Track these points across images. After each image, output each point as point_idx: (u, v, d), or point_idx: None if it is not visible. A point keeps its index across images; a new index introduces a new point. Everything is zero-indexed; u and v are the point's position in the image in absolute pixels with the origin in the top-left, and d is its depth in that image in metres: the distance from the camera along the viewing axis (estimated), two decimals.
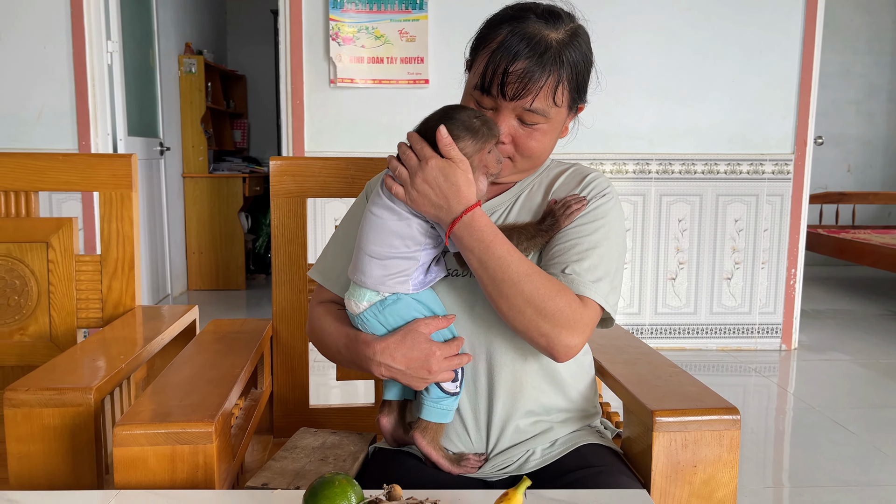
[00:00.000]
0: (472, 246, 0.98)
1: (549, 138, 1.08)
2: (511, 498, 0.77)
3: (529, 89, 1.01)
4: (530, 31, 1.01)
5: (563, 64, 1.02)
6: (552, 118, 1.05)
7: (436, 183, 0.97)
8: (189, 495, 0.89)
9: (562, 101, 1.04)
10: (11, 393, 1.06)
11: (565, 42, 1.03)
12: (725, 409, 1.03)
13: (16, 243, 1.59)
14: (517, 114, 1.04)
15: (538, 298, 0.97)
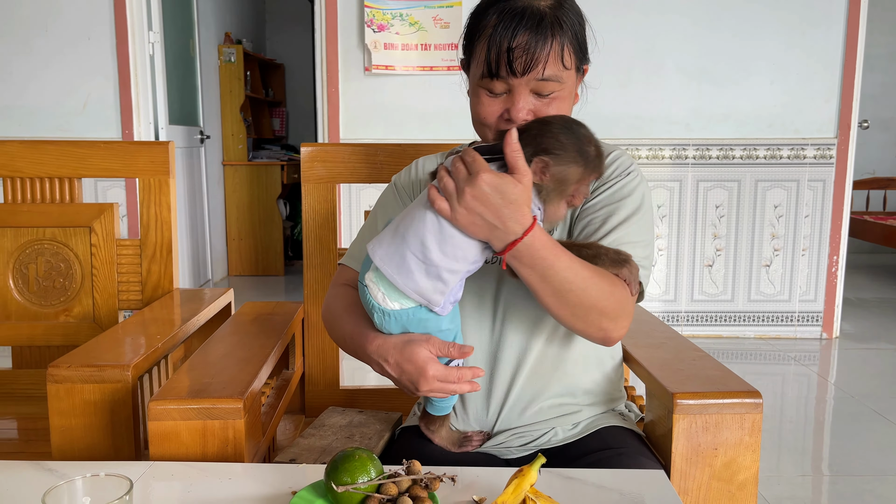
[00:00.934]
0: (532, 264, 0.92)
1: (567, 104, 1.07)
2: (526, 474, 0.79)
3: (538, 58, 0.99)
4: (519, 5, 1.01)
5: (562, 26, 1.01)
6: (565, 82, 1.04)
7: (489, 201, 0.88)
8: (219, 467, 0.93)
9: (570, 62, 1.03)
10: (54, 369, 1.11)
11: (556, 6, 1.02)
12: (747, 392, 1.03)
13: (61, 228, 1.65)
14: (531, 88, 1.02)
15: (601, 301, 0.95)
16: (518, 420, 1.10)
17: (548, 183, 0.94)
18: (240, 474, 0.91)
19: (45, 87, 3.52)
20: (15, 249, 1.65)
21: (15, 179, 1.64)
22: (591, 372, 1.13)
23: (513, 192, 0.88)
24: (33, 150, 1.64)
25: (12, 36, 3.49)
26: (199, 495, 0.85)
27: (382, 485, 0.79)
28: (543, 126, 0.97)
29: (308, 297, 1.55)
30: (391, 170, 1.52)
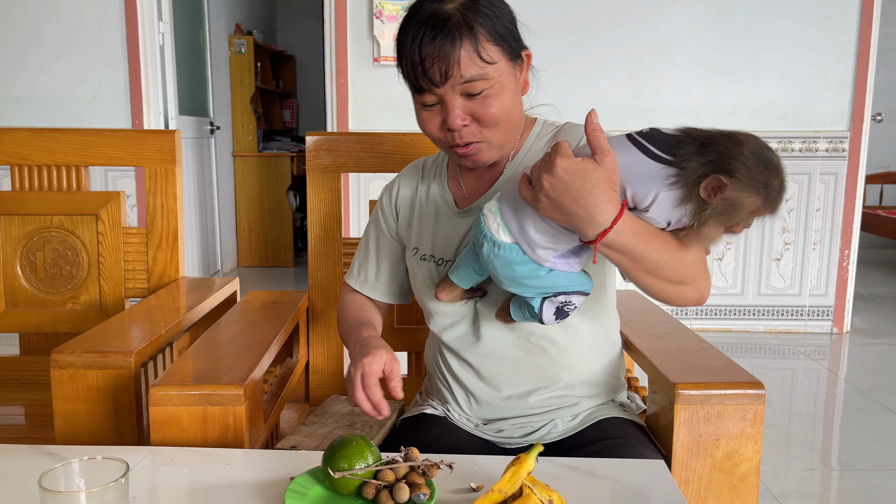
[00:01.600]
0: (624, 251, 0.88)
1: (505, 98, 1.03)
2: (523, 461, 0.79)
3: (451, 63, 0.98)
4: (425, 14, 0.99)
5: (470, 24, 0.98)
6: (494, 77, 1.00)
7: (567, 188, 0.84)
8: (219, 453, 0.93)
9: (492, 56, 1.00)
10: (57, 355, 1.12)
11: (465, 4, 1.00)
12: (750, 383, 1.02)
13: (68, 216, 1.66)
14: (460, 91, 1.00)
15: (692, 271, 0.94)
16: (519, 409, 1.10)
17: (716, 203, 0.85)
18: (239, 460, 0.91)
19: (56, 78, 3.53)
20: (23, 237, 1.66)
21: (23, 167, 1.65)
22: (591, 363, 1.12)
23: (592, 175, 0.83)
24: (41, 137, 1.65)
25: (23, 26, 3.50)
26: (198, 480, 0.86)
27: (379, 471, 0.79)
28: (734, 144, 0.85)
29: (313, 287, 1.55)
30: (397, 159, 1.52)
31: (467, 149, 1.05)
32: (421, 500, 0.77)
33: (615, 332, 1.18)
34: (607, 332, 1.15)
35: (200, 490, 0.83)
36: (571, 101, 3.52)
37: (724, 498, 1.03)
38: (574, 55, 3.50)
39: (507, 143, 1.09)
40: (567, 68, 3.50)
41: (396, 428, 1.23)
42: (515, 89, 1.05)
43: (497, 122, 1.03)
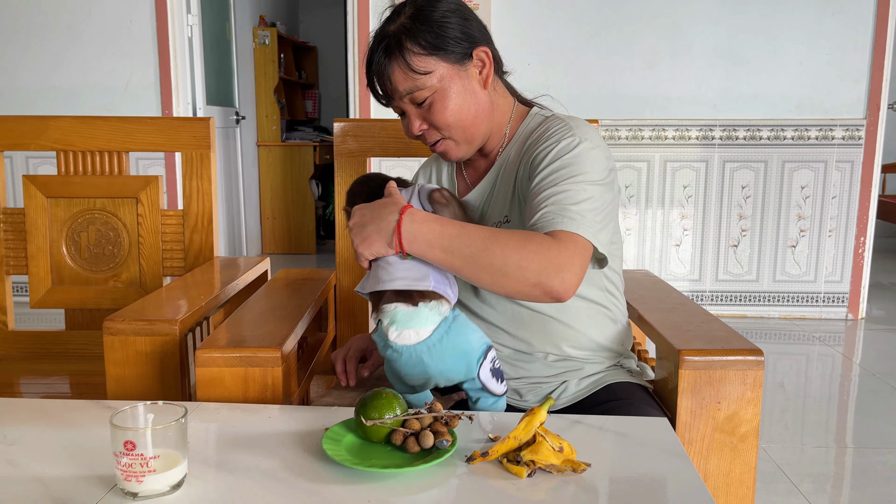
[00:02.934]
0: (429, 241, 0.98)
1: (451, 101, 1.10)
2: (536, 413, 0.87)
3: (385, 81, 1.10)
4: (374, 36, 1.12)
5: (399, 40, 1.08)
6: (434, 84, 1.09)
7: (364, 214, 1.02)
8: (259, 408, 1.02)
9: (426, 66, 1.08)
10: (110, 323, 1.21)
11: (403, 23, 1.09)
12: (750, 350, 1.09)
13: (110, 198, 1.77)
14: (409, 101, 1.11)
15: (515, 256, 0.96)
16: (528, 369, 1.18)
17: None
18: (279, 415, 1.00)
19: (90, 69, 3.66)
20: (68, 219, 1.77)
21: (68, 153, 1.76)
22: (590, 333, 1.18)
23: (375, 205, 1.03)
24: (84, 125, 1.75)
25: (58, 20, 3.63)
26: (242, 431, 0.95)
27: (406, 420, 0.88)
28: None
29: (340, 265, 1.64)
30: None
31: (436, 147, 1.16)
32: (444, 445, 0.86)
33: (615, 307, 1.23)
34: (605, 307, 1.20)
35: (245, 438, 0.92)
36: (587, 92, 3.58)
37: (725, 457, 1.10)
38: (589, 45, 3.55)
39: (477, 137, 1.15)
40: (582, 58, 3.56)
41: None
42: (465, 89, 1.11)
43: (448, 124, 1.11)
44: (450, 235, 0.98)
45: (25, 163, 3.73)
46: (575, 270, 0.97)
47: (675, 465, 0.87)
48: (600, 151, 1.09)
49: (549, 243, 0.97)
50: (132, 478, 0.75)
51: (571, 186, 1.03)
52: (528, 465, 0.83)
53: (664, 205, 3.68)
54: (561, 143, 1.08)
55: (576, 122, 1.12)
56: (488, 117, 1.15)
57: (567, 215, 1.00)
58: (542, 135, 1.12)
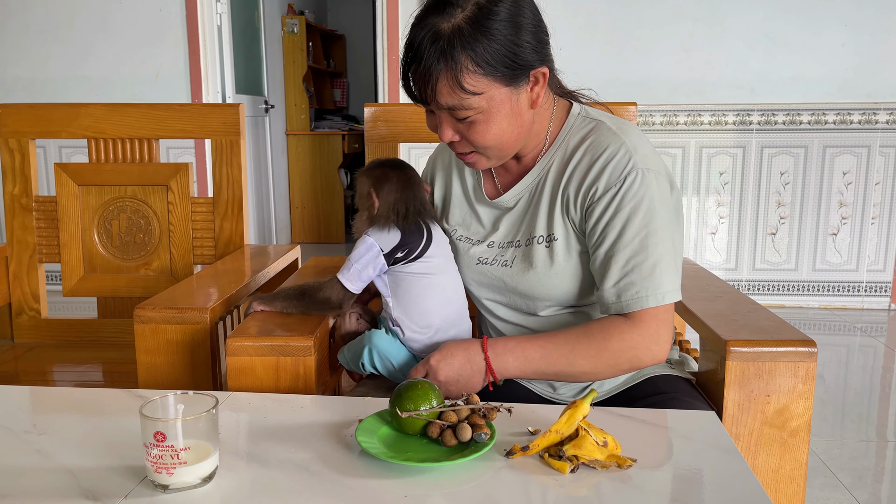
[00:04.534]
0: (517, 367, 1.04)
1: (494, 125, 1.00)
2: (579, 406, 0.83)
3: (431, 88, 0.96)
4: (422, 28, 0.96)
5: (452, 51, 0.94)
6: (481, 106, 0.97)
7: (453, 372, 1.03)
8: (291, 398, 1.00)
9: (476, 86, 0.96)
10: (140, 311, 1.20)
11: (459, 26, 0.94)
12: (802, 341, 1.04)
13: (140, 186, 1.76)
14: (448, 111, 0.99)
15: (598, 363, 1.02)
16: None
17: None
18: (311, 405, 0.98)
19: (121, 58, 3.67)
20: (99, 206, 1.76)
21: (99, 140, 1.75)
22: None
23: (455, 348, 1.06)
24: (115, 112, 1.74)
25: (88, 10, 3.65)
26: (274, 421, 0.92)
27: (443, 413, 0.85)
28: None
29: None
30: None
31: (464, 157, 1.07)
32: (482, 439, 0.82)
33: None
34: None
35: (277, 429, 0.90)
36: (622, 75, 3.51)
37: (775, 452, 1.06)
38: (624, 27, 3.47)
39: (512, 153, 1.07)
40: (617, 41, 3.48)
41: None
42: (512, 113, 1.01)
43: (487, 146, 1.02)
44: (534, 360, 1.02)
45: (59, 152, 3.77)
46: (663, 341, 1.02)
47: (725, 461, 0.82)
48: (663, 174, 1.04)
49: (629, 334, 1.01)
50: (162, 469, 0.73)
51: (646, 242, 1.01)
52: (571, 461, 0.79)
53: (700, 192, 3.60)
54: (624, 182, 1.01)
55: (630, 138, 1.04)
56: (528, 134, 1.07)
57: (646, 292, 1.00)
58: (593, 156, 1.04)
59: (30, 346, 1.76)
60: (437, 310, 1.14)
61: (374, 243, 1.12)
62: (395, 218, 1.13)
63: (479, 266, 1.15)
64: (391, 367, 1.14)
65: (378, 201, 1.15)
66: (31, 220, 1.77)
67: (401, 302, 1.14)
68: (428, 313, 1.14)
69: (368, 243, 1.12)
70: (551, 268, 1.07)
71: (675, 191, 1.08)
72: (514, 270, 1.10)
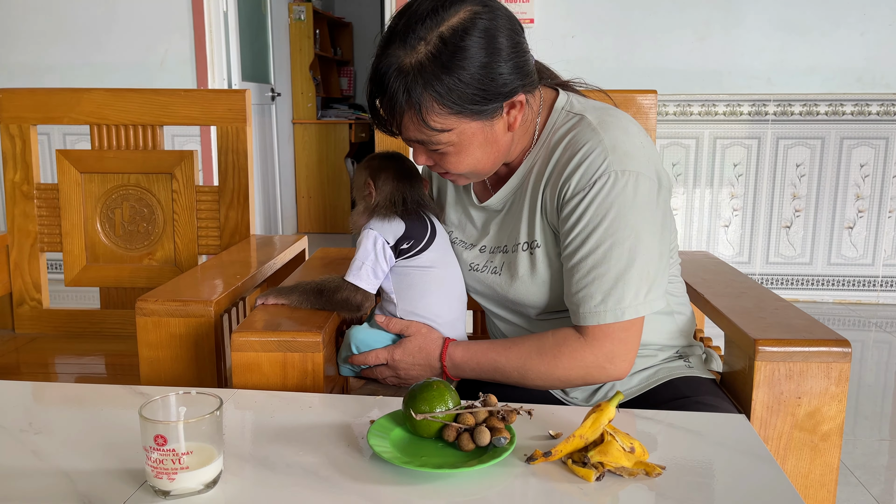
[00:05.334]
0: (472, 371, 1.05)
1: (468, 155, 0.96)
2: (604, 409, 0.78)
3: (397, 124, 0.94)
4: (385, 59, 0.92)
5: (415, 90, 0.89)
6: (451, 140, 0.94)
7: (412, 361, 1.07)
8: (299, 397, 0.95)
9: (443, 123, 0.92)
10: (142, 303, 1.15)
11: (421, 63, 0.89)
12: (835, 341, 0.99)
13: (144, 174, 1.71)
14: (418, 143, 0.98)
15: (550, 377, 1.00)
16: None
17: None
18: (319, 404, 0.93)
19: (126, 45, 3.62)
20: (102, 194, 1.72)
21: (101, 126, 1.70)
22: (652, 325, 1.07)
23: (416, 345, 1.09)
24: (118, 98, 1.69)
25: None
26: (281, 421, 0.88)
27: (460, 415, 0.80)
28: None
29: None
30: None
31: (445, 176, 1.05)
32: (502, 443, 0.78)
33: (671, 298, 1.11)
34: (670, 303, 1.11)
35: (284, 430, 0.85)
36: (635, 64, 3.44)
37: (805, 457, 1.01)
38: (637, 16, 3.40)
39: (490, 171, 1.03)
40: (630, 30, 3.41)
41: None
42: (487, 141, 0.97)
43: (461, 173, 1.00)
44: (488, 372, 1.03)
45: (64, 140, 3.73)
46: (619, 359, 0.98)
47: (759, 468, 0.77)
48: (645, 175, 0.94)
49: (581, 352, 0.98)
50: (163, 475, 0.68)
51: (610, 253, 0.94)
52: (597, 468, 0.75)
53: (713, 184, 3.54)
54: (595, 183, 0.93)
55: (610, 133, 0.95)
56: (507, 151, 1.02)
57: (604, 307, 0.95)
58: (569, 155, 0.96)
59: (31, 336, 1.72)
60: (444, 303, 1.12)
61: (377, 235, 1.09)
62: (394, 208, 1.10)
63: (471, 273, 1.13)
64: None
65: (376, 192, 1.11)
66: (33, 208, 1.73)
67: (406, 298, 1.10)
68: (435, 307, 1.11)
69: (372, 236, 1.08)
70: (535, 276, 1.03)
71: (664, 190, 0.99)
72: (502, 279, 1.08)
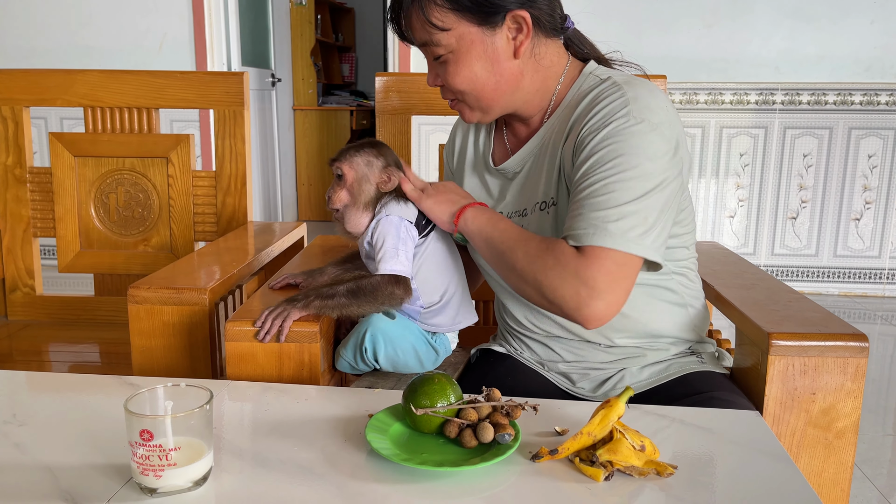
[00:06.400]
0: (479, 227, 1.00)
1: (465, 66, 0.97)
2: (613, 405, 0.75)
3: (406, 24, 0.99)
4: None
5: None
6: (448, 44, 0.96)
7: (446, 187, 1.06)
8: (295, 389, 0.92)
9: (444, 22, 0.95)
10: (134, 290, 1.12)
11: None
12: (852, 335, 0.95)
13: (139, 158, 1.67)
14: (424, 48, 1.00)
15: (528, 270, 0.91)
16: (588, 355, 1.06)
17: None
18: (316, 396, 0.90)
19: (123, 28, 3.57)
20: (96, 179, 1.68)
21: (95, 109, 1.66)
22: (662, 314, 1.04)
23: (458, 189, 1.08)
24: (113, 79, 1.65)
25: None
26: (277, 414, 0.85)
27: (462, 410, 0.77)
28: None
29: None
30: None
31: (452, 105, 1.05)
32: (506, 440, 0.74)
33: (684, 288, 1.07)
34: (668, 289, 1.05)
35: (279, 423, 0.82)
36: (641, 52, 3.38)
37: (818, 455, 0.97)
38: (644, 2, 3.35)
39: (495, 107, 1.02)
40: (635, 16, 3.35)
41: (471, 363, 1.21)
42: (485, 57, 0.97)
43: (459, 90, 0.99)
44: (497, 229, 0.97)
45: (60, 123, 3.68)
46: (600, 292, 0.86)
47: (776, 468, 0.74)
48: (662, 132, 0.91)
49: (567, 263, 0.88)
50: (149, 472, 0.65)
51: (617, 186, 0.88)
52: (606, 467, 0.71)
53: (718, 173, 3.49)
54: (611, 123, 0.91)
55: (635, 89, 0.94)
56: (514, 88, 1.00)
57: (596, 229, 0.87)
58: (590, 106, 0.95)
59: (24, 323, 1.69)
60: (450, 276, 1.10)
61: (400, 219, 1.05)
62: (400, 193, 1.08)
63: None
64: (394, 354, 1.06)
65: (395, 177, 1.06)
66: (26, 193, 1.69)
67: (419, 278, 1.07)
68: (443, 281, 1.10)
69: (395, 222, 1.04)
70: (552, 235, 0.98)
71: (678, 156, 0.94)
72: None
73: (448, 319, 1.11)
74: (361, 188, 1.06)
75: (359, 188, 1.06)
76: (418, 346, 1.09)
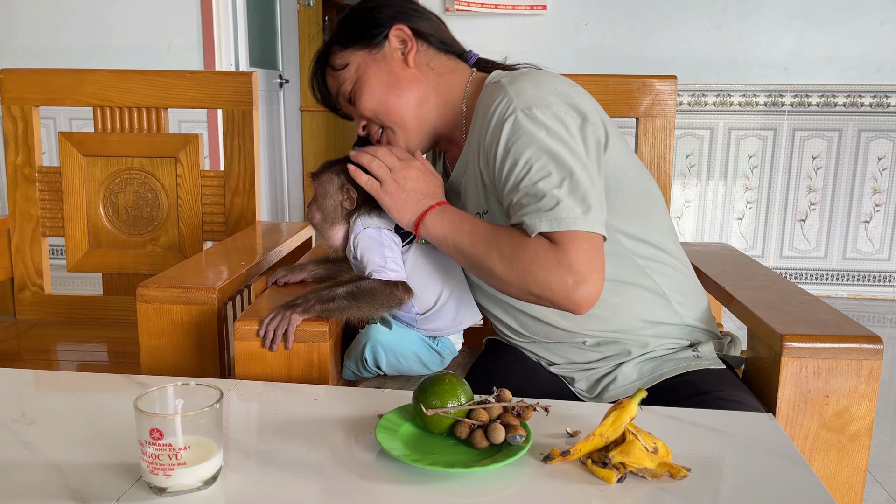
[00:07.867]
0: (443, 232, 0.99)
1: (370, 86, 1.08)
2: (626, 407, 0.74)
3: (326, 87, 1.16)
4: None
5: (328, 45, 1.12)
6: (352, 76, 1.09)
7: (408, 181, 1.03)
8: (304, 389, 0.91)
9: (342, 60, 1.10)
10: (143, 289, 1.12)
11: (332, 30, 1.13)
12: (867, 337, 0.94)
13: (148, 158, 1.67)
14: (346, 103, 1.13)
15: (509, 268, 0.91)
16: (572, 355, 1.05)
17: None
18: (325, 396, 0.89)
19: (132, 29, 3.58)
20: (105, 178, 1.68)
21: (105, 108, 1.66)
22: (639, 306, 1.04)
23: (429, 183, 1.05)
24: (122, 79, 1.65)
25: None
26: (286, 414, 0.84)
27: (473, 410, 0.76)
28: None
29: None
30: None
31: (381, 138, 1.12)
32: (517, 442, 0.73)
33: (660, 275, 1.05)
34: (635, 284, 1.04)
35: (289, 423, 0.81)
36: (649, 53, 3.37)
37: (832, 458, 0.96)
38: (652, 3, 3.33)
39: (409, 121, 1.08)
40: (643, 18, 3.34)
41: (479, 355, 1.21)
42: (381, 71, 1.08)
43: (372, 109, 1.08)
44: (462, 233, 0.96)
45: (69, 124, 3.69)
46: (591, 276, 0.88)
47: (791, 471, 0.73)
48: (555, 111, 0.94)
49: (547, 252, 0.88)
50: (159, 471, 0.65)
51: (538, 175, 0.91)
52: (618, 469, 0.71)
53: (727, 176, 3.47)
54: (505, 125, 0.95)
55: (517, 84, 0.97)
56: (418, 99, 1.08)
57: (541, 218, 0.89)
58: (487, 116, 0.99)
59: (33, 322, 1.69)
60: (444, 279, 1.09)
61: (376, 228, 1.05)
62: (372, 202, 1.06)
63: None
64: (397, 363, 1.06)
65: (357, 192, 1.07)
66: (35, 192, 1.69)
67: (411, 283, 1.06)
68: (436, 286, 1.08)
69: (371, 233, 1.04)
70: None
71: (591, 125, 0.96)
72: None
73: (447, 322, 1.10)
74: (328, 205, 1.09)
75: (325, 205, 1.09)
76: (420, 352, 1.08)
